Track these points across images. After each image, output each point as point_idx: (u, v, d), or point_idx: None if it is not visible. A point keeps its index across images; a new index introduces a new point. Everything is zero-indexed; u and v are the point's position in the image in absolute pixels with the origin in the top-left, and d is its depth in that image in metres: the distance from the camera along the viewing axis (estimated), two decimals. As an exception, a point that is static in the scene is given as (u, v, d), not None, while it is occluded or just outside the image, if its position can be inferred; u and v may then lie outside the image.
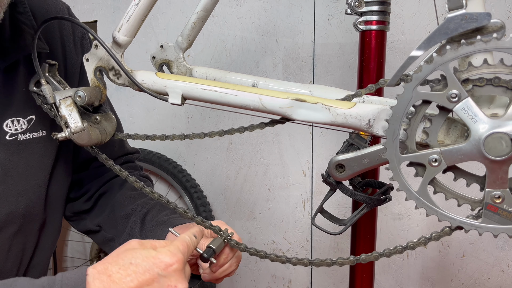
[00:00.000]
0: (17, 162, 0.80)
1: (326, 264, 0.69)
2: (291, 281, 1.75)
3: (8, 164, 0.79)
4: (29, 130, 0.81)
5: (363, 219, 1.01)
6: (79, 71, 0.91)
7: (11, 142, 0.79)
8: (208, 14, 0.84)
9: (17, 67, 0.80)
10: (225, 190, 1.79)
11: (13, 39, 0.79)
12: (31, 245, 0.87)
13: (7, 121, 0.78)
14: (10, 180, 0.79)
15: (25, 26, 0.80)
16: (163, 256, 0.62)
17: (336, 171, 0.69)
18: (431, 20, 1.43)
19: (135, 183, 0.77)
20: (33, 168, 0.82)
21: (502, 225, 0.60)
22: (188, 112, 1.79)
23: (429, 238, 0.66)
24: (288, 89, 0.79)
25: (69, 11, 0.93)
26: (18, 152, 0.80)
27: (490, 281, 1.50)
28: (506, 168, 0.59)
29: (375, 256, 0.68)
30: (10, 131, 0.79)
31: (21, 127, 0.80)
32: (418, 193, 0.63)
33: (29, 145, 0.81)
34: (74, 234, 2.04)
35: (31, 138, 0.81)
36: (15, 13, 0.80)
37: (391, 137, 0.62)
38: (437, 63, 0.58)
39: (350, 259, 0.69)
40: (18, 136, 0.80)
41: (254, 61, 1.66)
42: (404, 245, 0.67)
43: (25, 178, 0.81)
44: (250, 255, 0.74)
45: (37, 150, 0.83)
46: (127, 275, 0.59)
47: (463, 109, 0.58)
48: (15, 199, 0.80)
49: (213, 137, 0.75)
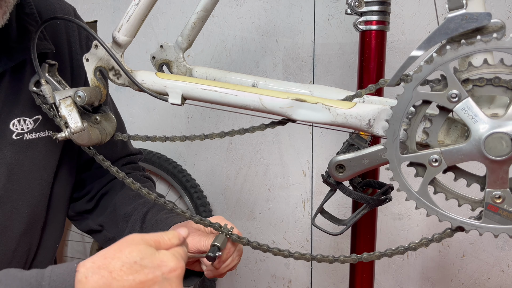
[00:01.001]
0: (22, 161, 0.81)
1: (328, 260, 0.70)
2: (291, 281, 1.75)
3: (14, 163, 0.79)
4: (35, 130, 0.82)
5: (363, 219, 1.01)
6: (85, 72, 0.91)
7: (17, 141, 0.80)
8: (208, 14, 0.84)
9: (24, 67, 0.80)
10: (225, 190, 1.79)
11: (20, 40, 0.79)
12: (35, 244, 0.87)
13: (14, 120, 0.79)
14: (15, 179, 0.80)
15: (31, 27, 0.81)
16: (169, 261, 0.61)
17: (336, 172, 0.69)
18: (431, 20, 1.43)
19: (131, 184, 0.76)
20: (38, 167, 0.83)
21: (503, 225, 0.60)
22: (188, 112, 1.79)
23: (431, 240, 0.66)
24: (288, 89, 0.79)
25: (75, 13, 0.94)
26: (24, 151, 0.81)
27: (490, 281, 1.50)
28: (507, 168, 0.59)
29: (377, 256, 0.68)
30: (17, 130, 0.80)
31: (27, 126, 0.81)
32: (419, 193, 0.63)
33: (34, 145, 0.82)
34: (74, 234, 2.04)
35: (37, 138, 0.82)
36: (22, 14, 0.81)
37: (391, 137, 0.62)
38: (437, 63, 0.58)
39: (352, 257, 0.69)
40: (24, 136, 0.81)
41: (254, 61, 1.66)
42: (406, 246, 0.67)
43: (29, 176, 0.82)
44: (253, 249, 0.74)
45: (42, 149, 0.83)
46: (130, 274, 0.58)
47: (463, 109, 0.58)
48: (18, 197, 0.81)
49: (214, 138, 0.75)
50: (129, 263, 0.58)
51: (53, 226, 0.91)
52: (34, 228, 0.86)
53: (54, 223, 0.91)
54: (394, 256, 1.56)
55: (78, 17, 0.94)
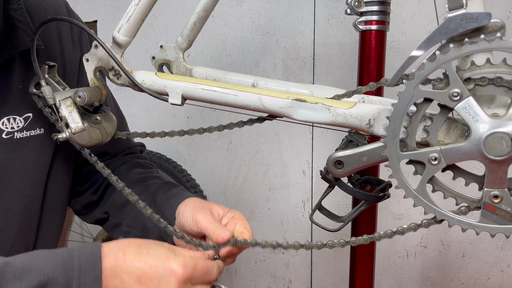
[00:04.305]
0: (14, 160, 0.80)
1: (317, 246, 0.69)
2: (291, 281, 1.75)
3: (5, 162, 0.78)
4: (25, 128, 0.81)
5: (363, 219, 1.01)
6: (77, 67, 0.91)
7: (8, 141, 0.79)
8: (208, 14, 0.84)
9: (12, 64, 0.79)
10: (225, 190, 1.79)
11: (7, 37, 0.78)
12: (31, 244, 0.87)
13: (3, 119, 0.78)
14: (7, 178, 0.79)
15: (19, 23, 0.79)
16: (174, 263, 0.63)
17: (335, 168, 0.69)
18: (431, 20, 1.43)
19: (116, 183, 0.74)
20: (30, 166, 0.82)
21: (500, 225, 0.60)
22: (188, 112, 1.79)
23: (419, 225, 0.66)
24: (288, 89, 0.79)
25: (68, 7, 0.92)
26: (15, 150, 0.80)
27: (490, 281, 1.50)
28: (506, 168, 0.59)
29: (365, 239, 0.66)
30: (7, 129, 0.79)
31: (17, 125, 0.80)
32: (417, 191, 0.63)
33: (26, 143, 0.81)
34: (74, 234, 2.04)
35: (28, 136, 0.81)
36: (9, 10, 0.79)
37: (391, 134, 0.62)
38: (439, 61, 0.58)
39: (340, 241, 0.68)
40: (15, 134, 0.79)
41: (254, 61, 1.66)
42: (394, 230, 0.66)
43: (22, 176, 0.81)
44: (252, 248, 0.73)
45: (34, 148, 0.82)
46: (138, 261, 0.62)
47: (464, 108, 0.58)
48: (11, 196, 0.80)
49: (212, 132, 0.74)
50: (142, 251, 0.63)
51: (50, 226, 0.90)
52: (29, 228, 0.85)
53: (50, 222, 0.90)
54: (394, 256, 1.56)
55: (70, 11, 0.92)
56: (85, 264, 0.60)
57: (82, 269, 0.60)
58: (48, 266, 0.59)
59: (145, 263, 0.62)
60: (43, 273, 0.58)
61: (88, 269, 0.60)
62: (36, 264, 0.59)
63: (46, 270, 0.59)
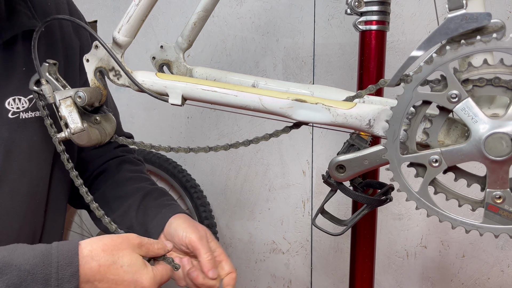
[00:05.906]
0: (20, 141, 0.80)
1: None
2: (291, 281, 1.75)
3: (11, 143, 0.79)
4: (31, 109, 0.81)
5: (363, 220, 1.01)
6: (78, 52, 0.91)
7: (13, 120, 0.79)
8: (208, 14, 0.84)
9: (14, 45, 0.80)
10: (225, 190, 1.79)
11: (8, 18, 0.79)
12: (39, 230, 0.87)
13: (9, 99, 0.78)
14: (13, 158, 0.79)
15: (20, 7, 0.80)
16: (146, 280, 0.69)
17: (337, 172, 0.69)
18: (431, 20, 1.43)
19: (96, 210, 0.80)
20: (36, 147, 0.82)
21: (503, 225, 0.60)
22: (188, 112, 1.79)
23: None
24: (288, 89, 0.79)
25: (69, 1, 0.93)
26: (21, 130, 0.80)
27: (490, 281, 1.50)
28: (507, 168, 0.59)
29: None
30: (12, 109, 0.79)
31: (22, 105, 0.80)
32: (419, 193, 0.63)
33: (31, 124, 0.81)
34: (74, 234, 2.04)
35: (33, 117, 0.81)
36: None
37: (391, 137, 0.62)
38: (437, 64, 0.58)
39: None
40: (20, 115, 0.80)
41: (254, 61, 1.66)
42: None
43: (28, 157, 0.81)
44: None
45: (40, 129, 0.82)
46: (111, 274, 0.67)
47: (463, 110, 0.58)
48: (18, 177, 0.80)
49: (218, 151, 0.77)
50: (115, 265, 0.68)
51: (56, 210, 0.90)
52: (36, 213, 0.85)
53: (56, 206, 0.90)
54: (394, 256, 1.56)
55: (71, 5, 0.93)
56: (63, 260, 0.65)
57: (60, 264, 0.64)
58: (28, 262, 0.63)
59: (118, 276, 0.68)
60: (23, 269, 0.62)
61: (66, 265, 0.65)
62: (17, 260, 0.63)
63: (27, 266, 0.62)
